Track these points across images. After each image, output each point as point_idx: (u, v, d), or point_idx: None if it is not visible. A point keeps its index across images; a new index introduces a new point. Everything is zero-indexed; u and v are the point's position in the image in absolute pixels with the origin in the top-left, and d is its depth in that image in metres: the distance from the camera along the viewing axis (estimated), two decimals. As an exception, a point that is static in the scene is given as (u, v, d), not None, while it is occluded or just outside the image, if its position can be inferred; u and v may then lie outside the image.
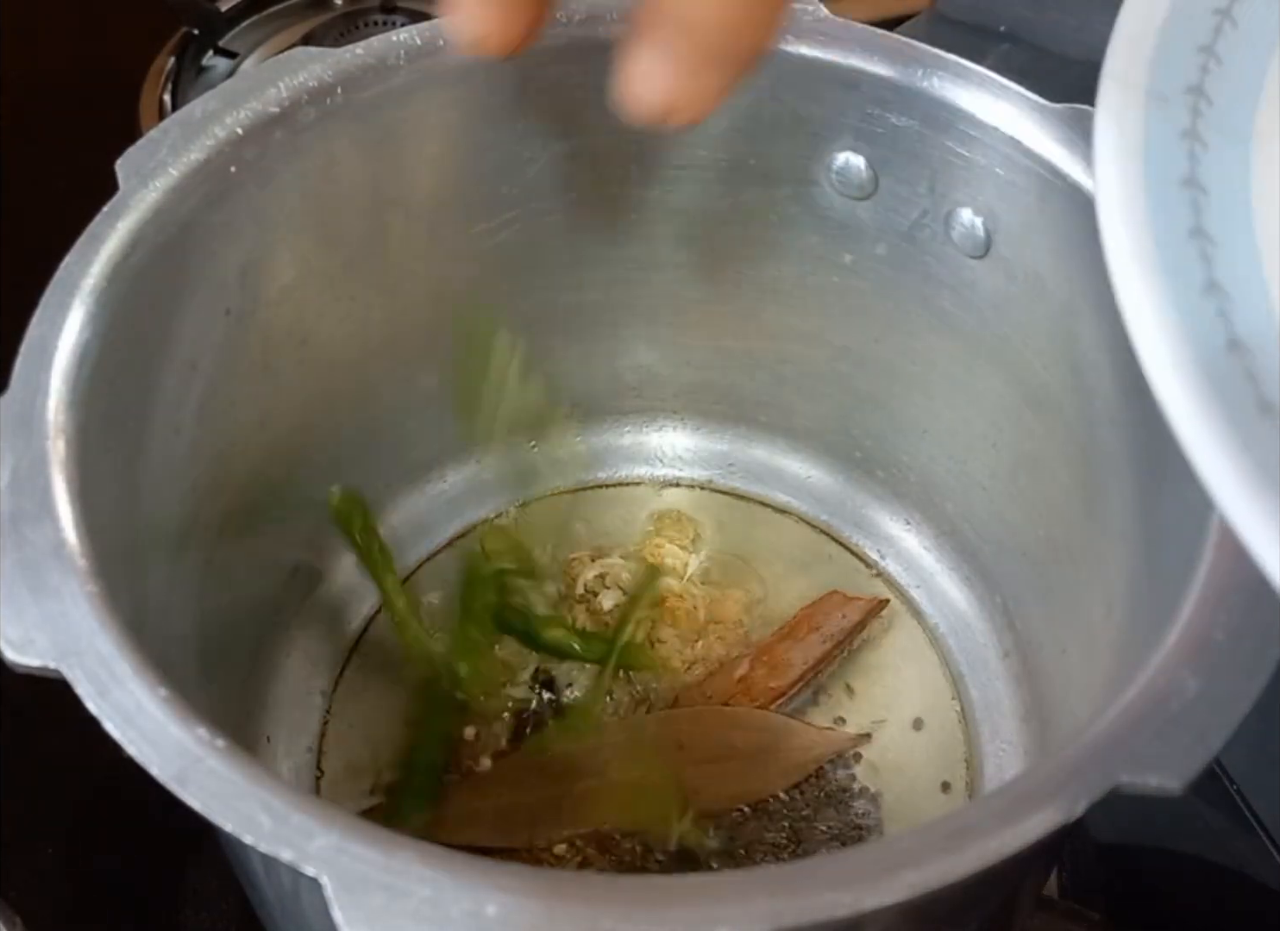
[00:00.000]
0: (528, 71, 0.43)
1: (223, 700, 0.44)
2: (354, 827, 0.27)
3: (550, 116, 0.44)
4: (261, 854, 0.27)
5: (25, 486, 0.32)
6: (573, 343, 0.52)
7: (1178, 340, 0.25)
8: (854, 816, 0.46)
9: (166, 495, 0.40)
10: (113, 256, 0.36)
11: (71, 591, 0.31)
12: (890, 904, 0.26)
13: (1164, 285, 0.26)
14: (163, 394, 0.39)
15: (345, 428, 0.48)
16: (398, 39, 0.42)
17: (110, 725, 0.29)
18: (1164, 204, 0.27)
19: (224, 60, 0.70)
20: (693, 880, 0.27)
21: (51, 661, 0.29)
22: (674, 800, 0.44)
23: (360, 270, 0.45)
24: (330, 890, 0.26)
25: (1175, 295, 0.26)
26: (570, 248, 0.48)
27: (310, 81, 0.40)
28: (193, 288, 0.39)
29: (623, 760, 0.45)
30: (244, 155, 0.39)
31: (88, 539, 0.32)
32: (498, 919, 0.26)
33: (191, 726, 0.28)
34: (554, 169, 0.46)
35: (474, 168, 0.45)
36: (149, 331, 0.38)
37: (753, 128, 0.44)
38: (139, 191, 0.38)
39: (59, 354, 0.35)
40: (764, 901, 0.26)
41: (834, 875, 0.26)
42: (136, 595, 0.35)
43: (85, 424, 0.34)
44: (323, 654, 0.50)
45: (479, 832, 0.44)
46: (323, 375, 0.46)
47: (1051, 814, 0.27)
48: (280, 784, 0.28)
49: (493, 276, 0.48)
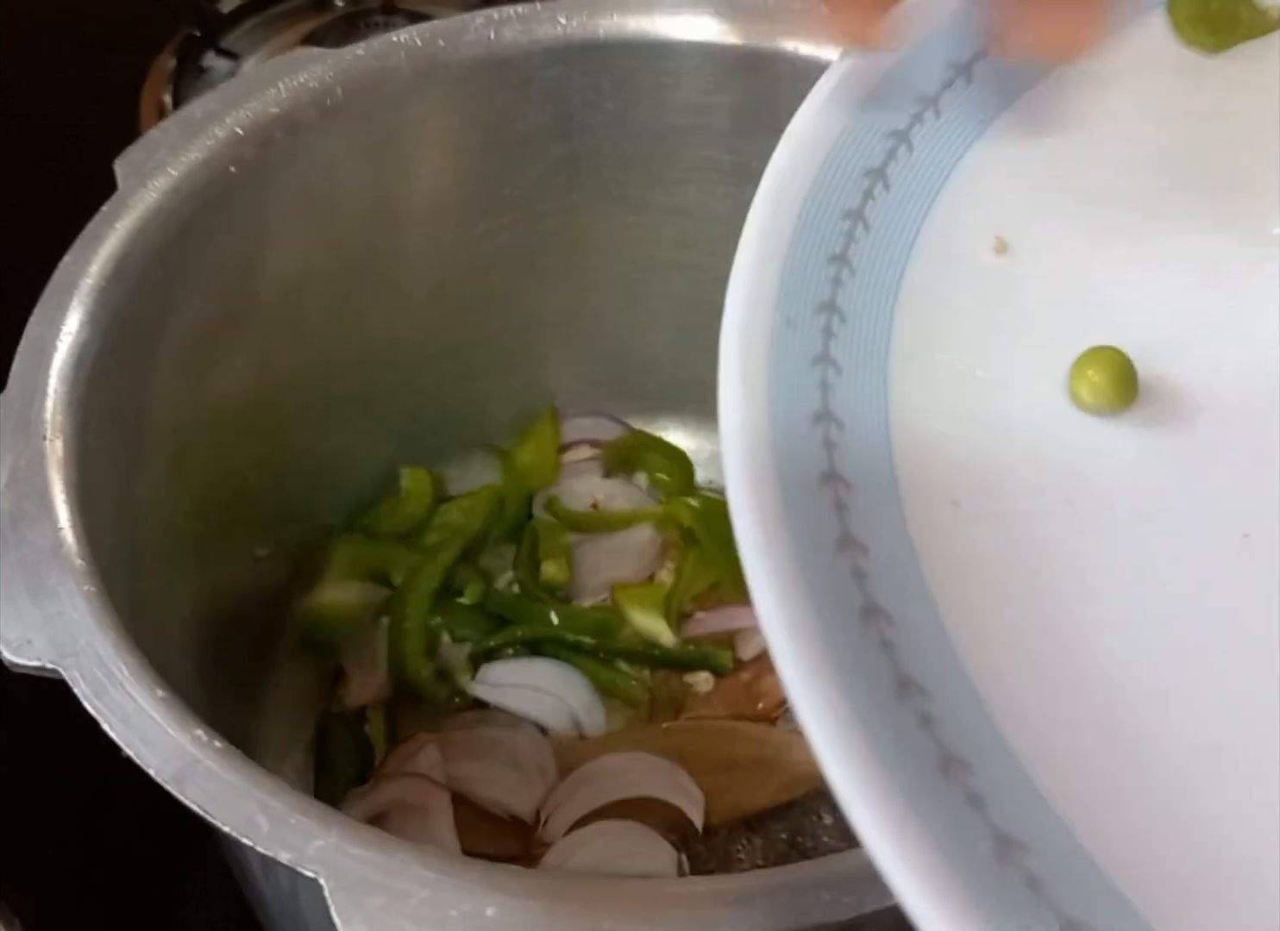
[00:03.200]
0: (528, 73, 0.43)
1: (221, 701, 0.44)
2: (352, 829, 0.27)
3: (551, 118, 0.44)
4: (260, 855, 0.27)
5: (23, 486, 0.32)
6: (574, 344, 0.52)
7: (807, 605, 0.20)
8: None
9: (164, 496, 0.40)
10: (111, 256, 0.36)
11: (69, 591, 0.31)
12: (891, 905, 0.26)
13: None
14: (161, 394, 0.39)
15: (344, 428, 0.48)
16: (398, 40, 0.42)
17: (108, 726, 0.29)
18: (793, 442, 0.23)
19: (225, 61, 0.70)
20: (693, 882, 0.27)
21: (49, 662, 0.29)
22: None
23: (360, 271, 0.45)
24: (329, 891, 0.26)
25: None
26: (571, 249, 0.48)
27: (311, 82, 0.40)
28: (191, 288, 0.39)
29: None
30: (244, 156, 0.39)
31: (86, 539, 0.32)
32: (497, 920, 0.26)
33: (189, 727, 0.28)
34: (555, 170, 0.46)
35: (475, 169, 0.45)
36: (147, 332, 0.38)
37: (754, 128, 0.44)
38: (138, 191, 0.38)
39: (57, 354, 0.35)
40: (764, 904, 0.26)
41: (834, 877, 0.26)
42: (134, 595, 0.35)
43: (83, 424, 0.34)
44: (322, 654, 0.50)
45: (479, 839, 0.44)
46: (322, 376, 0.46)
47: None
48: (279, 785, 0.28)
49: (493, 278, 0.48)
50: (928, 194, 0.27)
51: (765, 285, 0.25)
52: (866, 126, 0.27)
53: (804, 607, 0.20)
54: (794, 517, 0.22)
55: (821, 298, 0.25)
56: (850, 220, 0.26)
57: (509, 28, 0.42)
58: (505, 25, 0.42)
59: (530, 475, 0.52)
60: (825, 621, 0.20)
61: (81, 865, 0.46)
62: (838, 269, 0.26)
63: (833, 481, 0.23)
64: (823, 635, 0.20)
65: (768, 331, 0.25)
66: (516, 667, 0.48)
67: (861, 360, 0.25)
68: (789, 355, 0.24)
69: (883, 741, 0.19)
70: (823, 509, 0.22)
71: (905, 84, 0.28)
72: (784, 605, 0.20)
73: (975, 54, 0.29)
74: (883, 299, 0.26)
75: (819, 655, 0.20)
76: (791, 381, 0.24)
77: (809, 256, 0.26)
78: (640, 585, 0.50)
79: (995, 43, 0.28)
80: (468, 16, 0.42)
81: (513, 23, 0.42)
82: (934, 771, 0.19)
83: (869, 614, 0.21)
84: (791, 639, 0.20)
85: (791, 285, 0.25)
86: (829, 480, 0.23)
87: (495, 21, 0.42)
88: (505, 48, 0.42)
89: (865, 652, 0.20)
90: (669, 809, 0.45)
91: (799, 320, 0.25)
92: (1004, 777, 0.20)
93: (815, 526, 0.22)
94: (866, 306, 0.26)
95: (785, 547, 0.21)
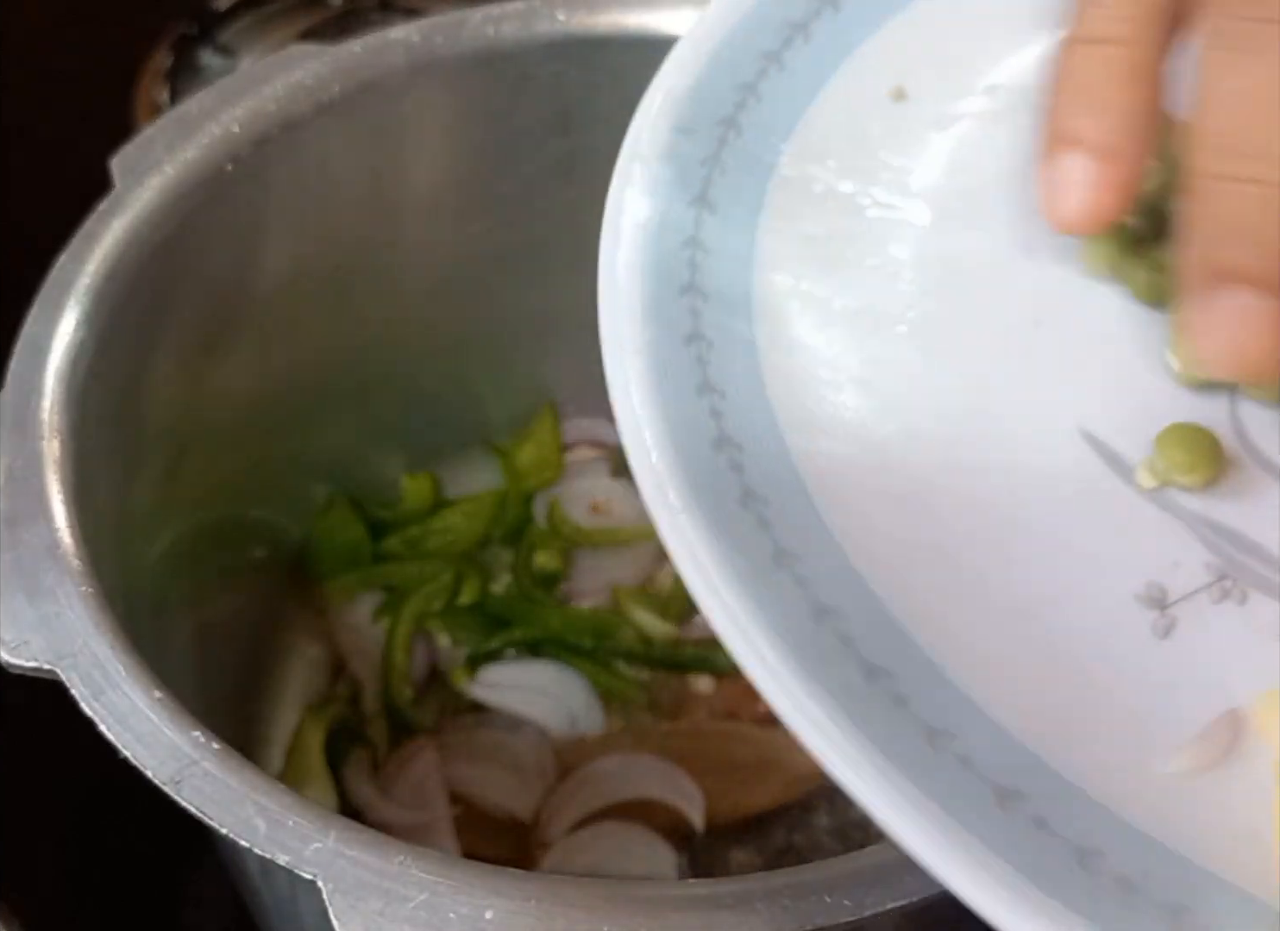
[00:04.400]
0: (526, 69, 0.43)
1: (219, 702, 0.44)
2: (351, 831, 0.27)
3: (549, 114, 0.44)
4: (258, 857, 0.27)
5: (20, 487, 0.32)
6: (572, 341, 0.52)
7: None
8: (853, 820, 0.46)
9: (162, 496, 0.40)
10: (108, 255, 0.36)
11: (66, 592, 0.30)
12: (891, 908, 0.26)
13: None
14: (158, 393, 0.39)
15: (341, 427, 0.48)
16: (395, 36, 0.41)
17: (105, 727, 0.28)
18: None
19: (221, 58, 0.70)
20: (692, 885, 0.27)
21: (46, 663, 0.29)
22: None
23: (357, 268, 0.45)
24: (327, 893, 0.26)
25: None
26: (570, 246, 0.48)
27: (307, 79, 0.40)
28: (188, 287, 0.39)
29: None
30: (240, 153, 0.39)
31: (83, 540, 0.32)
32: (496, 922, 0.26)
33: (187, 728, 0.28)
34: (553, 167, 0.45)
35: (472, 165, 0.45)
36: (144, 331, 0.38)
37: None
38: (134, 190, 0.37)
39: (54, 354, 0.34)
40: (764, 906, 0.26)
41: (835, 879, 0.26)
42: (131, 596, 0.35)
43: (80, 424, 0.34)
44: (319, 656, 0.49)
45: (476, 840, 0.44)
46: (319, 374, 0.46)
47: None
48: (277, 787, 0.28)
49: (491, 274, 0.48)
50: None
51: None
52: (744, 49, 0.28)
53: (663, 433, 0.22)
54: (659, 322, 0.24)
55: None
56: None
57: (507, 23, 0.42)
58: (503, 21, 0.42)
59: (531, 475, 0.52)
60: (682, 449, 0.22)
61: (81, 865, 0.46)
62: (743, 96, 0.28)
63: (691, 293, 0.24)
64: (680, 461, 0.22)
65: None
66: (516, 669, 0.48)
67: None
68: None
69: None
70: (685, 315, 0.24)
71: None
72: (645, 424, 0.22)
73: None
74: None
75: (677, 475, 0.22)
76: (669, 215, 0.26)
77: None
78: (640, 586, 0.50)
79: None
80: (465, 12, 0.42)
81: (511, 18, 0.42)
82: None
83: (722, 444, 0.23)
84: (657, 459, 0.22)
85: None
86: (688, 291, 0.24)
87: (493, 17, 0.42)
88: (503, 44, 0.42)
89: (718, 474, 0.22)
90: (669, 810, 0.45)
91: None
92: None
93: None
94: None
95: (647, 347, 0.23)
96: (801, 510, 0.23)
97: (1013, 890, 0.18)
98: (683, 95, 0.27)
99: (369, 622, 0.49)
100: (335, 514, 0.49)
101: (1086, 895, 0.19)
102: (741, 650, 0.20)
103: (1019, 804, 0.19)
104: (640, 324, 0.24)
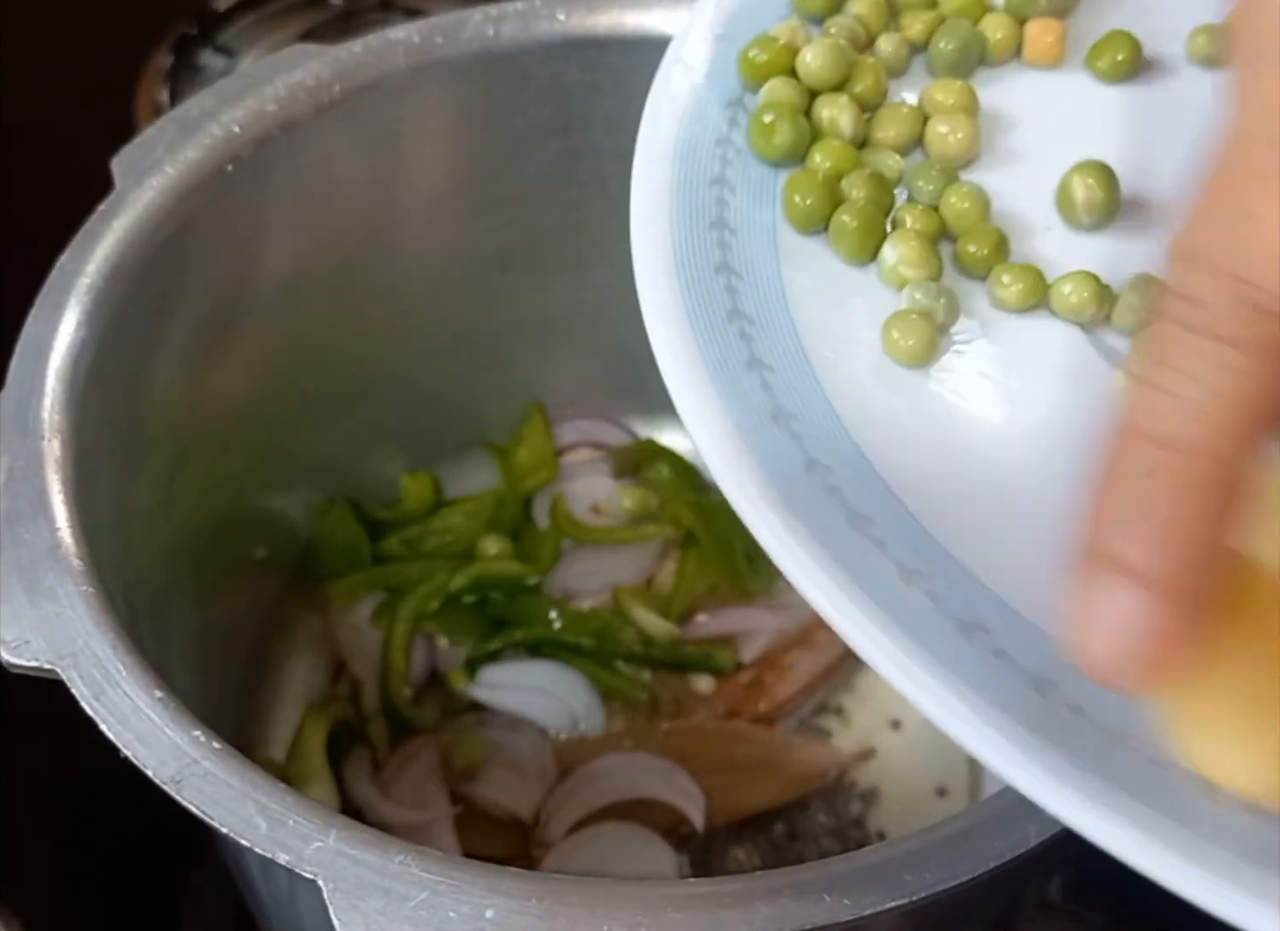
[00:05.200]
0: (527, 69, 0.43)
1: (220, 702, 0.44)
2: (351, 830, 0.27)
3: (550, 114, 0.44)
4: (258, 856, 0.27)
5: (20, 487, 0.32)
6: (572, 341, 0.52)
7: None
8: (851, 820, 0.46)
9: (162, 495, 0.40)
10: (108, 255, 0.36)
11: (67, 592, 0.30)
12: (891, 907, 0.26)
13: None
14: (158, 393, 0.39)
15: (341, 427, 0.48)
16: (395, 37, 0.41)
17: (106, 727, 0.28)
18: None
19: (221, 58, 0.70)
20: (693, 885, 0.27)
21: (47, 662, 0.29)
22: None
23: (357, 269, 0.45)
24: (327, 892, 0.26)
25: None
26: (569, 246, 0.48)
27: (308, 79, 0.40)
28: (188, 287, 0.39)
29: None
30: (241, 153, 0.39)
31: (83, 539, 0.32)
32: (496, 922, 0.26)
33: (188, 728, 0.28)
34: (553, 167, 0.45)
35: (472, 166, 0.45)
36: (145, 331, 0.38)
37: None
38: (135, 190, 0.37)
39: (54, 354, 0.34)
40: (764, 906, 0.26)
41: (835, 879, 0.26)
42: (132, 596, 0.35)
43: (81, 424, 0.34)
44: (320, 655, 0.49)
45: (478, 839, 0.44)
46: (319, 376, 0.46)
47: (1054, 817, 0.27)
48: (277, 786, 0.28)
49: (491, 275, 0.48)
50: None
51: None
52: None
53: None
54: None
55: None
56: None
57: (507, 24, 0.42)
58: (503, 21, 0.42)
59: (528, 475, 0.52)
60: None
61: (81, 865, 0.46)
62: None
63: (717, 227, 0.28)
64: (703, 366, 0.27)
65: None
66: (516, 669, 0.48)
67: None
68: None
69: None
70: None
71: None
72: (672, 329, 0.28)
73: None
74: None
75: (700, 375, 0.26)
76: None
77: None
78: (641, 586, 0.50)
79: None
80: (466, 13, 0.42)
81: (511, 19, 0.42)
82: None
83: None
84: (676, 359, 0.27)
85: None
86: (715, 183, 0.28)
87: (493, 18, 0.42)
88: (503, 44, 0.42)
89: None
90: (669, 810, 0.45)
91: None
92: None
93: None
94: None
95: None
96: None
97: (976, 710, 0.20)
98: (731, 5, 0.30)
99: (369, 622, 0.49)
100: (335, 514, 0.49)
101: (1043, 714, 0.21)
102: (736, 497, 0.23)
103: (982, 636, 0.22)
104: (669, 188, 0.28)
